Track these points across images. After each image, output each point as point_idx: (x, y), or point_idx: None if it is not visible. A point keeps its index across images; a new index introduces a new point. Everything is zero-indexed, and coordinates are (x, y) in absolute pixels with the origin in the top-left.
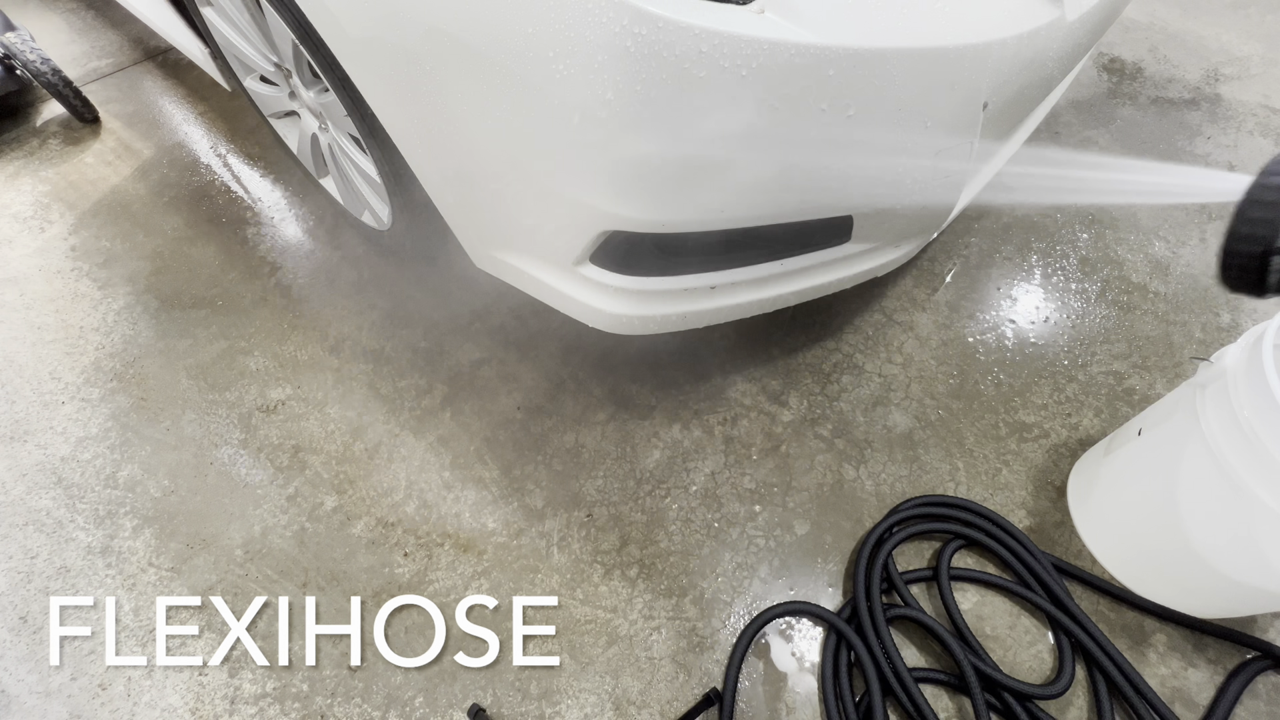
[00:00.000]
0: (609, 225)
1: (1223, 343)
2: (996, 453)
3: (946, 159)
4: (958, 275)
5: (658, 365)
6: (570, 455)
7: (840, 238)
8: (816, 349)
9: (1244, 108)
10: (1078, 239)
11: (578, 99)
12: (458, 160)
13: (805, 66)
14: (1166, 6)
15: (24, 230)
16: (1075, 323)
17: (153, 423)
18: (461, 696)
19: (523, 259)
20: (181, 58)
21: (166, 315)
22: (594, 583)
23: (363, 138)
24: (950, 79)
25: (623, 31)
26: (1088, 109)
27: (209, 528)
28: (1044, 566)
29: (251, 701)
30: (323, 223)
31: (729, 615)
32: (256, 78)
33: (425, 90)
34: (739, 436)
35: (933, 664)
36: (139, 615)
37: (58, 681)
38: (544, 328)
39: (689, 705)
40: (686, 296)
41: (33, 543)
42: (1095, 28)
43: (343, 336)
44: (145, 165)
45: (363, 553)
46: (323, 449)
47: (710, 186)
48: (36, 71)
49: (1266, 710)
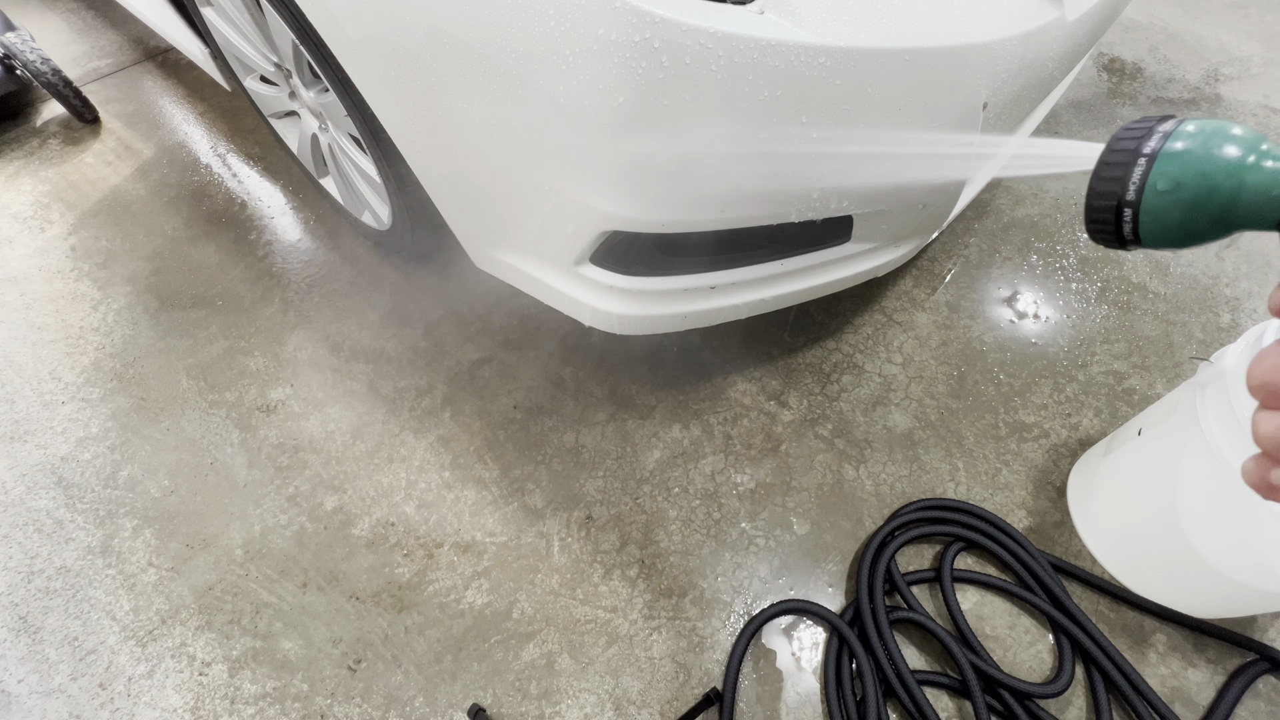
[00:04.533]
0: (609, 225)
1: (1223, 343)
2: (996, 453)
3: (946, 159)
4: (958, 275)
5: (658, 365)
6: (570, 455)
7: (840, 238)
8: (816, 349)
9: (1244, 108)
10: (1078, 239)
11: (578, 99)
12: (458, 160)
13: (805, 67)
14: (1166, 6)
15: (24, 230)
16: (1075, 323)
17: (153, 423)
18: (461, 696)
19: (522, 259)
20: (181, 58)
21: (166, 315)
22: (594, 582)
23: (363, 138)
24: (950, 79)
25: (623, 31)
26: (1088, 109)
27: (209, 528)
28: (1043, 567)
29: (251, 701)
30: (323, 223)
31: (729, 615)
32: (256, 78)
33: (425, 90)
34: (739, 436)
35: (932, 663)
36: (139, 615)
37: (58, 681)
38: (544, 328)
39: (689, 705)
40: (686, 296)
41: (32, 543)
42: (1095, 28)
43: (343, 336)
44: (145, 165)
45: (363, 553)
46: (323, 449)
47: (710, 186)
48: (36, 71)
49: (1267, 710)
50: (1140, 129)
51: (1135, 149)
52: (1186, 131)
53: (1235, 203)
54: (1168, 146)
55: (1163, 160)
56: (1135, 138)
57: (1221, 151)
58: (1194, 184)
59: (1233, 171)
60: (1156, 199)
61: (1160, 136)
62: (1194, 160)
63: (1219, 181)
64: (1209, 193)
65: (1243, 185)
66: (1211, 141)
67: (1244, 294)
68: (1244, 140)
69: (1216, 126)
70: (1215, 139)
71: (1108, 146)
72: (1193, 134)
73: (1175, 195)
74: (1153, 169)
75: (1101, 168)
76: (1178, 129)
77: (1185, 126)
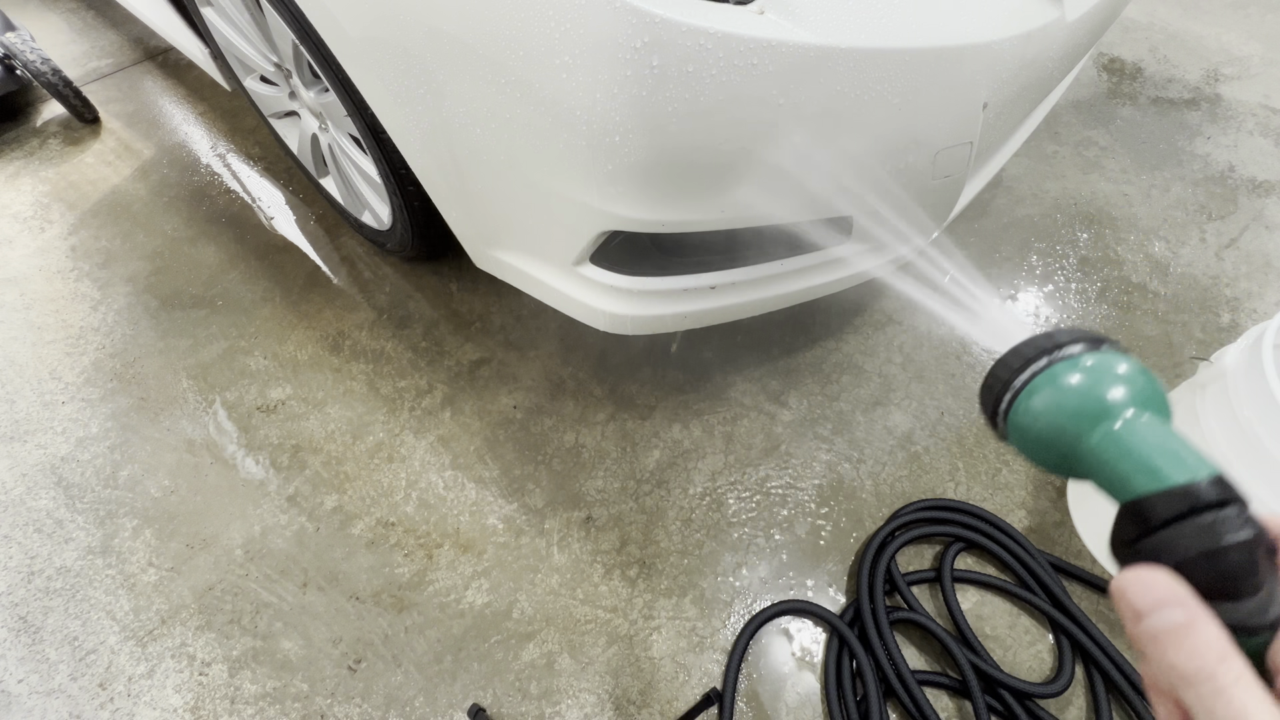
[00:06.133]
0: (609, 225)
1: (1223, 343)
2: (996, 452)
3: (946, 159)
4: (957, 275)
5: (658, 365)
6: (570, 455)
7: (840, 238)
8: (816, 349)
9: (1244, 108)
10: (1078, 239)
11: (577, 99)
12: (457, 160)
13: (805, 67)
14: (1166, 6)
15: (24, 230)
16: (1075, 323)
17: (153, 423)
18: (461, 696)
19: (522, 259)
20: (181, 58)
21: (166, 315)
22: (594, 582)
23: (363, 138)
24: (950, 79)
25: (622, 31)
26: (1088, 109)
27: (209, 528)
28: (1043, 567)
29: (251, 701)
30: (322, 222)
31: (729, 615)
32: (256, 78)
33: (425, 90)
34: (739, 436)
35: (932, 663)
36: (139, 615)
37: (58, 681)
38: (544, 328)
39: (689, 705)
40: (686, 296)
41: (32, 543)
42: (1095, 28)
43: (343, 336)
44: (145, 165)
45: (363, 553)
46: (323, 449)
47: (709, 186)
48: (36, 71)
49: None
50: (1027, 354)
51: (1007, 380)
52: (1055, 376)
53: (1078, 463)
54: (1028, 390)
55: (1024, 397)
56: (1012, 367)
57: (1075, 410)
58: (1043, 433)
59: (1078, 434)
60: (1018, 423)
61: (1031, 374)
62: (1042, 413)
63: (1062, 441)
64: (1052, 444)
65: (1085, 451)
66: (1065, 400)
67: (1244, 294)
68: (1105, 406)
69: (1092, 380)
70: (1073, 395)
71: (1001, 359)
72: (1051, 388)
73: (1029, 433)
74: (1015, 402)
75: (997, 365)
76: (1048, 372)
77: (1055, 372)
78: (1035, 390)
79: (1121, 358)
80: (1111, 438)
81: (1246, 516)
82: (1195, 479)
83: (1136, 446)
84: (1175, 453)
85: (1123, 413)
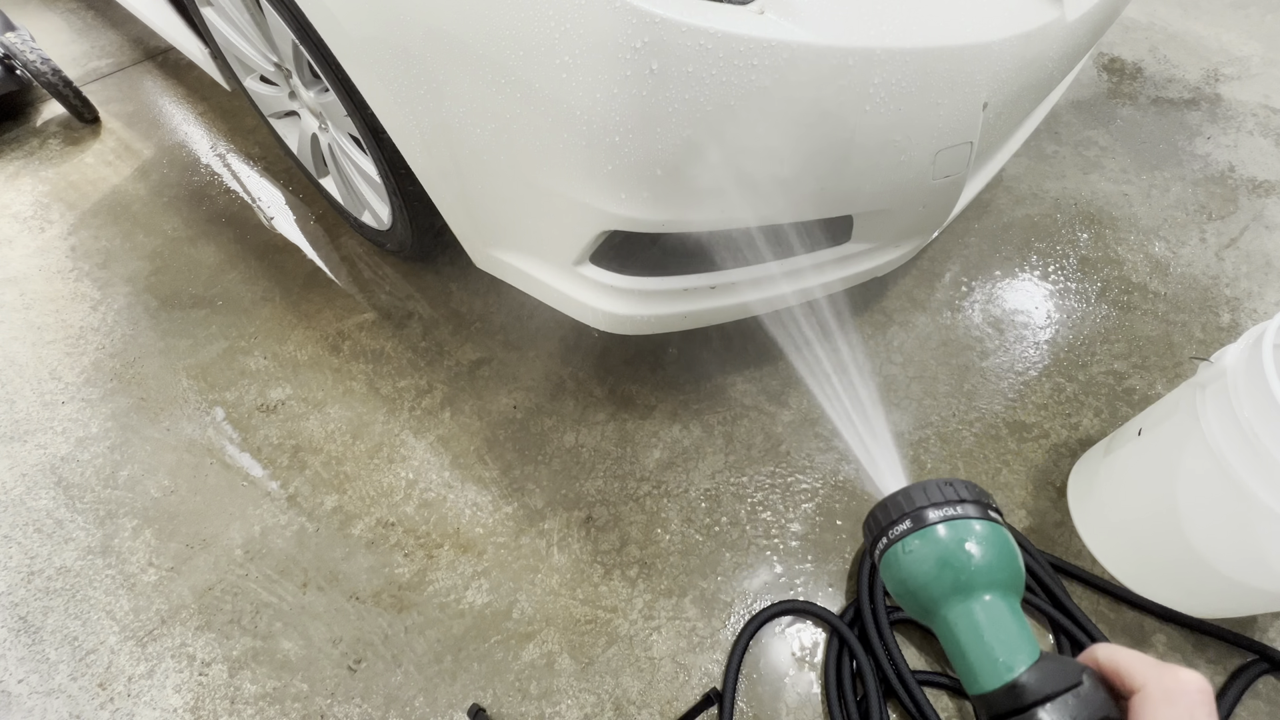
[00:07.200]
0: (609, 225)
1: (1223, 343)
2: (996, 453)
3: (946, 159)
4: (958, 275)
5: (658, 365)
6: (570, 455)
7: (840, 238)
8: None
9: (1244, 108)
10: (1078, 239)
11: (577, 99)
12: (457, 160)
13: (804, 67)
14: (1166, 6)
15: (24, 230)
16: (1075, 323)
17: (153, 423)
18: (461, 696)
19: (522, 259)
20: (181, 58)
21: (166, 315)
22: (594, 583)
23: (363, 138)
24: (950, 79)
25: (622, 31)
26: (1088, 109)
27: (209, 528)
28: (1043, 567)
29: (251, 701)
30: (322, 222)
31: (729, 615)
32: (256, 78)
33: (425, 90)
34: (739, 436)
35: (932, 663)
36: (139, 615)
37: (58, 681)
38: (544, 328)
39: (689, 705)
40: (686, 296)
41: (32, 543)
42: (1095, 28)
43: (343, 336)
44: (145, 165)
45: (362, 553)
46: (323, 449)
47: (710, 186)
48: (36, 71)
49: (1267, 710)
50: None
51: (885, 526)
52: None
53: (935, 625)
54: (901, 544)
55: (894, 550)
56: (891, 516)
57: (933, 578)
58: (904, 587)
59: (935, 600)
60: (887, 571)
61: (886, 542)
62: (906, 573)
63: (921, 599)
64: (912, 600)
65: (939, 620)
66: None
67: (1244, 294)
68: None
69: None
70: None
71: (889, 499)
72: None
73: (893, 582)
74: (888, 551)
75: (878, 507)
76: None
77: (911, 543)
78: (906, 546)
79: (989, 529)
80: (960, 621)
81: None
82: (1016, 676)
83: (978, 639)
84: (1011, 645)
85: (974, 595)
